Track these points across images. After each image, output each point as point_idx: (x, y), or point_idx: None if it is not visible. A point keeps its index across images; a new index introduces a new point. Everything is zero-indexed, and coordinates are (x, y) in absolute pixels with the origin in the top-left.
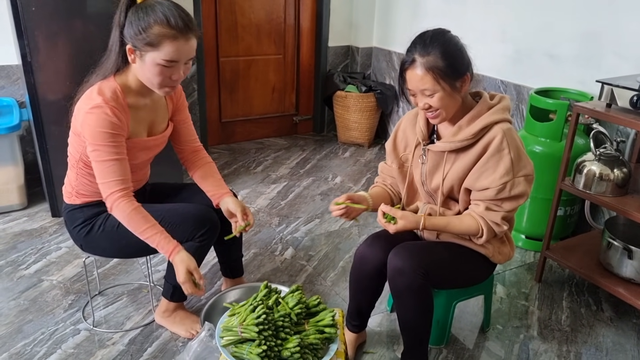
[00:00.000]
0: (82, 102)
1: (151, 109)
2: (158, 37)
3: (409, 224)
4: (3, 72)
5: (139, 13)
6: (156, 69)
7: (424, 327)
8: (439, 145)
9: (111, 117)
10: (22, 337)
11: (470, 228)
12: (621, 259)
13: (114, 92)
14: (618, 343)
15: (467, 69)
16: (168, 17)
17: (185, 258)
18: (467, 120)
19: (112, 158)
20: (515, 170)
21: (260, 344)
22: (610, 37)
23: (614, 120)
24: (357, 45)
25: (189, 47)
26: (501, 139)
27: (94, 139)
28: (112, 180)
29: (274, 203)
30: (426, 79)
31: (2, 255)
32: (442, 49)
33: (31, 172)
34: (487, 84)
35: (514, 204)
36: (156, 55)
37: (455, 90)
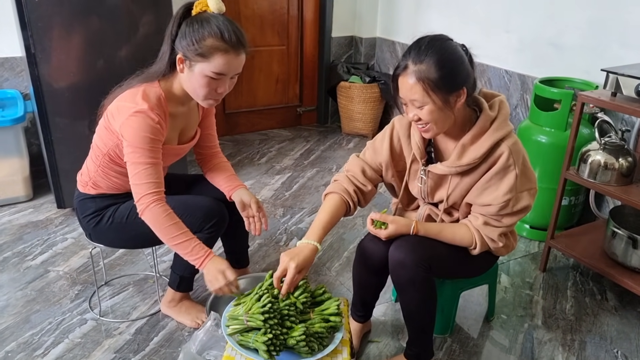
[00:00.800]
0: (125, 102)
1: (186, 116)
2: (210, 49)
3: (401, 227)
4: (7, 64)
5: (194, 25)
6: (204, 80)
7: (427, 317)
8: (442, 168)
9: (154, 123)
10: (30, 327)
11: (463, 239)
12: (626, 248)
13: (158, 98)
14: (622, 332)
15: (463, 82)
16: (222, 31)
17: (217, 261)
18: (470, 139)
19: (149, 162)
20: (519, 186)
21: (266, 332)
22: (615, 26)
23: (618, 109)
24: (361, 36)
25: (238, 62)
26: (507, 157)
27: (134, 141)
28: (146, 183)
29: (278, 194)
30: (416, 88)
31: (8, 246)
32: (437, 58)
33: (36, 163)
34: (491, 73)
35: (515, 219)
36: (206, 67)
37: (447, 104)
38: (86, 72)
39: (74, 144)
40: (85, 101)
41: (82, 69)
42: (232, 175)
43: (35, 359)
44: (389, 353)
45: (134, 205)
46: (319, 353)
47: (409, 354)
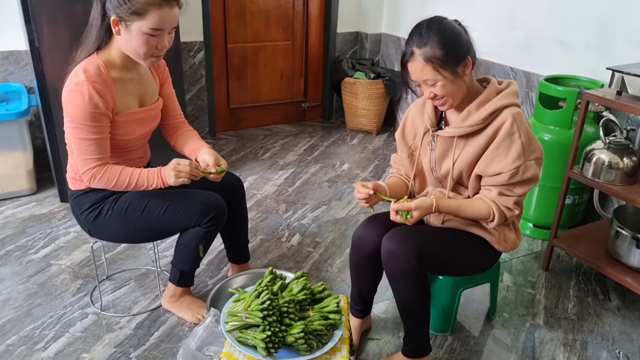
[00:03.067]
0: (68, 82)
1: (139, 82)
2: (143, 5)
3: (424, 211)
4: (12, 58)
5: None
6: (142, 39)
7: (421, 310)
8: (448, 130)
9: (93, 95)
10: (31, 321)
11: (481, 212)
12: (629, 248)
13: (97, 67)
14: (625, 332)
15: (466, 53)
16: None
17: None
18: (476, 105)
19: (92, 137)
20: (527, 153)
21: (265, 329)
22: (621, 24)
23: (623, 108)
24: (366, 32)
25: (173, 15)
26: (511, 123)
27: (75, 117)
28: (89, 158)
29: (282, 190)
30: (426, 69)
31: (11, 239)
32: (438, 37)
33: (40, 157)
34: (496, 70)
35: (525, 188)
36: (142, 24)
37: (457, 76)
38: None
39: None
40: None
41: None
42: (196, 139)
43: (36, 352)
44: (389, 351)
45: (132, 198)
46: (318, 351)
47: (406, 349)
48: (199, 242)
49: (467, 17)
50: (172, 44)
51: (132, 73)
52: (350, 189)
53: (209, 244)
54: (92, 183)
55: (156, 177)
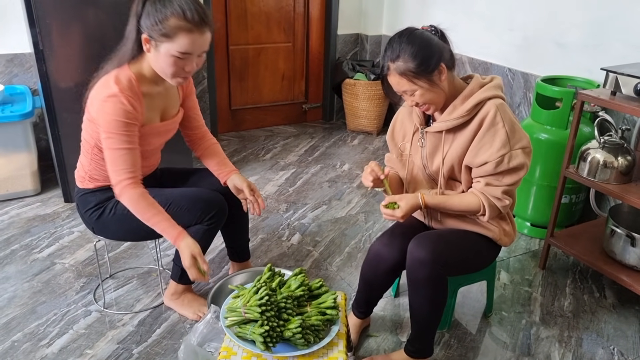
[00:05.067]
0: (98, 89)
1: (164, 96)
2: (174, 29)
3: (410, 201)
4: (17, 60)
5: (156, 4)
6: (170, 60)
7: (435, 316)
8: (436, 125)
9: (126, 106)
10: (36, 318)
11: (470, 204)
12: (624, 246)
13: (129, 80)
14: (619, 329)
15: (439, 60)
16: (184, 10)
17: (190, 243)
18: (461, 99)
19: (124, 147)
20: (512, 142)
21: (263, 324)
22: (618, 25)
23: (618, 108)
24: (367, 33)
25: (203, 41)
26: (494, 113)
27: (108, 127)
28: (122, 169)
29: (282, 190)
30: (402, 82)
31: (16, 239)
32: (409, 50)
33: (45, 158)
34: (494, 71)
35: (514, 177)
36: (171, 47)
37: (433, 84)
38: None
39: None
40: None
41: (90, 65)
42: (224, 159)
43: (41, 348)
44: (387, 347)
45: None
46: (315, 345)
47: (410, 349)
48: (199, 240)
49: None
50: (201, 65)
51: (159, 87)
52: (350, 189)
53: (209, 241)
54: (120, 198)
55: (172, 238)
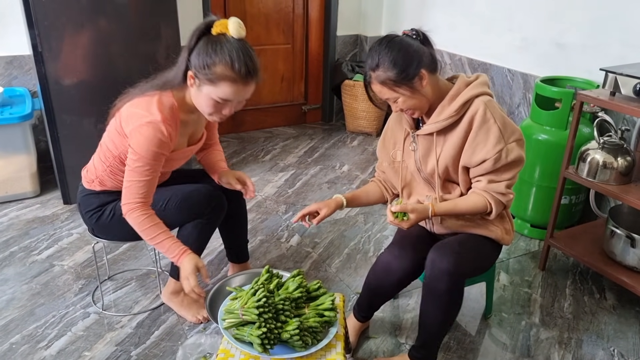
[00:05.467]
0: (139, 109)
1: (196, 122)
2: (219, 77)
3: (421, 214)
4: (16, 62)
5: (208, 47)
6: (209, 102)
7: (447, 326)
8: (426, 128)
9: (164, 137)
10: (34, 320)
11: (477, 204)
12: (624, 247)
13: (171, 108)
14: (620, 331)
15: (418, 66)
16: (233, 61)
17: (194, 257)
18: (448, 100)
19: (146, 178)
20: (506, 137)
21: (260, 326)
22: (617, 25)
23: (617, 108)
24: (366, 35)
25: (245, 92)
26: (484, 110)
27: (140, 151)
28: (136, 193)
29: (281, 191)
30: (384, 90)
31: (15, 241)
32: (387, 59)
33: (44, 160)
34: (494, 72)
35: (513, 171)
36: (212, 91)
37: (415, 90)
38: (92, 71)
39: (80, 141)
40: (92, 99)
41: (88, 67)
42: (218, 161)
43: (39, 350)
44: (386, 349)
45: None
46: (313, 347)
47: (415, 356)
48: (198, 236)
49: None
50: (241, 107)
51: (194, 115)
52: (349, 190)
53: (207, 237)
54: (126, 217)
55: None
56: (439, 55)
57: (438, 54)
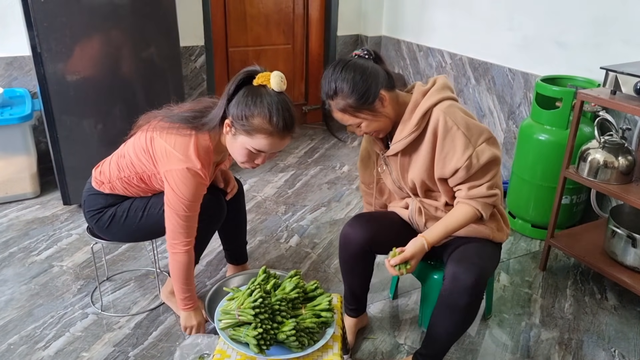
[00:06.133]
0: (176, 151)
1: (224, 155)
2: (256, 128)
3: (419, 254)
4: (16, 63)
5: (247, 98)
6: (244, 152)
7: (458, 338)
8: (392, 148)
9: (203, 181)
10: (33, 320)
11: (467, 215)
12: (625, 247)
13: (207, 153)
14: (621, 331)
15: (377, 89)
16: (272, 114)
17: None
18: (408, 114)
19: (188, 214)
20: (473, 140)
21: (256, 326)
22: (618, 24)
23: (617, 107)
24: (366, 34)
25: (281, 145)
26: (445, 119)
27: (181, 192)
28: (182, 232)
29: (281, 192)
30: (345, 117)
31: (15, 241)
32: (345, 86)
33: (45, 161)
34: (495, 72)
35: (491, 171)
36: (247, 141)
37: (377, 113)
38: (91, 72)
39: (80, 142)
40: (91, 100)
41: (88, 68)
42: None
43: (37, 351)
44: (385, 350)
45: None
46: (309, 348)
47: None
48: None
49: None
50: (274, 158)
51: (225, 153)
52: (349, 191)
53: (206, 240)
54: (172, 256)
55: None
56: (439, 55)
57: (438, 54)
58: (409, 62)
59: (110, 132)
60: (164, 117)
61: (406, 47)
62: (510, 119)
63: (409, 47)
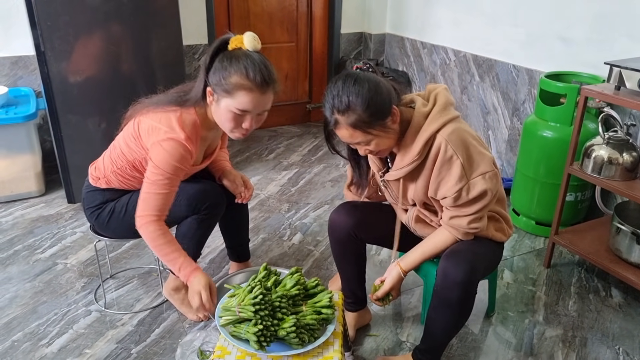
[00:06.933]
0: (161, 125)
1: (214, 137)
2: (235, 87)
3: (398, 284)
4: (21, 63)
5: (224, 61)
6: (228, 115)
7: (455, 333)
8: (392, 174)
9: (186, 154)
10: (36, 318)
11: (445, 242)
12: (630, 244)
13: (193, 125)
14: (625, 329)
15: (390, 104)
16: (248, 69)
17: (205, 276)
18: (410, 139)
19: (165, 190)
20: (469, 173)
21: (257, 323)
22: (623, 19)
23: (621, 102)
24: (370, 32)
25: (263, 100)
26: (445, 148)
27: (160, 164)
28: (152, 207)
29: (285, 189)
30: (356, 134)
31: (19, 239)
32: (359, 100)
33: (49, 160)
34: (499, 69)
35: (477, 205)
36: (230, 103)
37: (388, 129)
38: (95, 70)
39: (84, 141)
40: (95, 99)
41: (91, 67)
42: (222, 160)
43: (40, 348)
44: (386, 347)
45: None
46: (310, 344)
47: (419, 358)
48: (196, 231)
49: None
50: (261, 123)
51: (214, 130)
52: None
53: (206, 234)
54: (140, 230)
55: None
56: (443, 52)
57: (442, 51)
58: (412, 60)
59: (113, 130)
60: (150, 102)
61: (410, 45)
62: (515, 116)
63: (412, 44)
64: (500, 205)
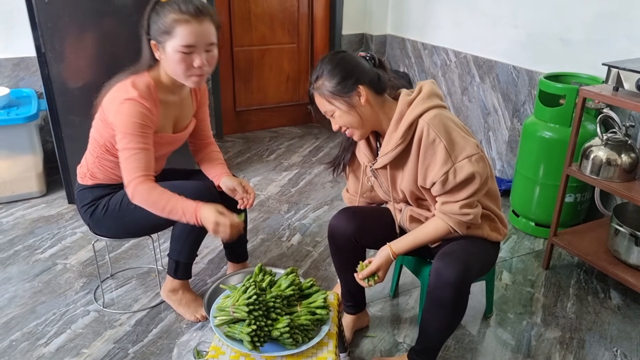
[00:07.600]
0: (116, 93)
1: (179, 106)
2: (171, 24)
3: (386, 265)
4: (23, 64)
5: (157, 10)
6: (177, 57)
7: (450, 333)
8: (380, 161)
9: (144, 109)
10: (35, 317)
11: (437, 230)
12: (629, 246)
13: (147, 86)
14: (624, 331)
15: (357, 82)
16: (179, 4)
17: (210, 210)
18: (394, 125)
19: (139, 147)
20: (454, 155)
21: (250, 323)
22: (622, 20)
23: (619, 104)
24: (371, 33)
25: (203, 31)
26: (427, 131)
27: (124, 128)
28: (135, 167)
29: (285, 190)
30: (321, 102)
31: (20, 240)
32: (327, 70)
33: (51, 160)
34: (499, 70)
35: (469, 189)
36: (173, 43)
37: (352, 106)
38: (95, 71)
39: (84, 141)
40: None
41: (92, 68)
42: (219, 164)
43: (38, 347)
44: (384, 348)
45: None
46: (304, 345)
47: (415, 359)
48: (190, 233)
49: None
50: (214, 63)
51: (176, 96)
52: None
53: (202, 233)
54: (134, 196)
55: (192, 215)
56: (444, 53)
57: (443, 52)
58: (414, 61)
59: None
60: (110, 83)
61: (411, 46)
62: (515, 117)
63: (413, 45)
64: (494, 203)
